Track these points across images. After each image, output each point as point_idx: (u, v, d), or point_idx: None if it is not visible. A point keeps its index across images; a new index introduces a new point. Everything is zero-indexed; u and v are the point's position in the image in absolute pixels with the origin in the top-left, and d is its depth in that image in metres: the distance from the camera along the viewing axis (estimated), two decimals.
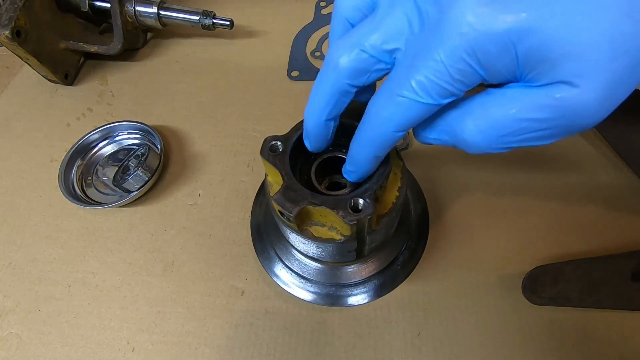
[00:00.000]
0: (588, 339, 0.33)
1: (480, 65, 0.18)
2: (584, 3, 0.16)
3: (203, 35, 0.60)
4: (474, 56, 0.18)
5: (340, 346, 0.34)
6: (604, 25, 0.16)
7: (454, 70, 0.18)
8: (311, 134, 0.27)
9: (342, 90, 0.23)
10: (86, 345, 0.36)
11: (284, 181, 0.27)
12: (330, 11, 0.63)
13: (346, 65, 0.22)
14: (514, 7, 0.17)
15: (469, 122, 0.21)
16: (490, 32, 0.17)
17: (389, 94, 0.21)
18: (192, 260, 0.40)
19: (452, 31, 0.18)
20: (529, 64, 0.18)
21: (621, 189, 0.41)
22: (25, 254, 0.41)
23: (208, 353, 0.35)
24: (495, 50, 0.17)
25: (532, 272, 0.34)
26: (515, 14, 0.17)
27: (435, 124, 0.22)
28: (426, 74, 0.19)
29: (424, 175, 0.42)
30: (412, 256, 0.38)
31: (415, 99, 0.20)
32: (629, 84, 0.17)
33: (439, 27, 0.18)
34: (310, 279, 0.36)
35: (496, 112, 0.20)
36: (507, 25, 0.17)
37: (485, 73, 0.19)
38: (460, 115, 0.21)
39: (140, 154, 0.45)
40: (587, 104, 0.17)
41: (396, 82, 0.21)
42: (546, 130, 0.19)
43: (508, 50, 0.17)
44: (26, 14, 0.47)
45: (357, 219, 0.25)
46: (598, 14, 0.16)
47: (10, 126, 0.52)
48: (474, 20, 0.17)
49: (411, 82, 0.20)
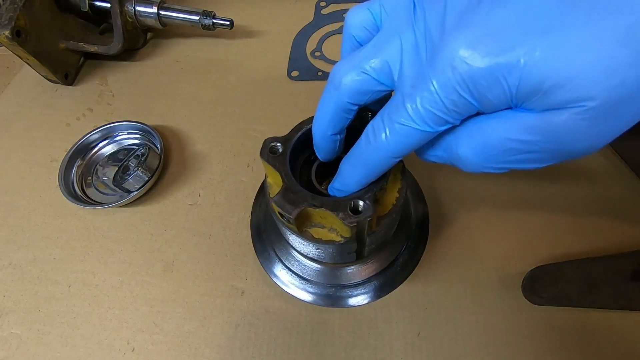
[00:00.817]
0: (588, 339, 0.33)
1: (473, 97, 0.19)
2: (575, 36, 0.16)
3: (203, 35, 0.60)
4: (467, 88, 0.18)
5: (340, 346, 0.34)
6: (596, 56, 0.16)
7: (448, 101, 0.19)
8: (319, 146, 0.28)
9: (343, 108, 0.24)
10: (86, 345, 0.36)
11: (284, 183, 0.27)
12: (330, 11, 0.63)
13: (348, 85, 0.23)
14: (504, 42, 0.17)
15: (463, 140, 0.21)
16: (481, 67, 0.18)
17: (388, 120, 0.22)
18: (192, 260, 0.40)
19: (445, 64, 0.18)
20: (521, 95, 0.18)
21: (621, 189, 0.41)
22: (25, 254, 0.41)
23: (208, 353, 0.35)
24: (487, 83, 0.18)
25: (532, 272, 0.34)
26: (504, 50, 0.17)
27: (434, 140, 0.23)
28: (422, 103, 0.20)
29: (424, 175, 0.42)
30: (412, 256, 0.38)
31: (412, 126, 0.21)
32: (629, 114, 0.17)
33: (434, 59, 0.19)
34: (310, 279, 0.36)
35: (487, 131, 0.20)
36: (497, 60, 0.17)
37: (478, 104, 0.19)
38: (456, 132, 0.22)
39: (140, 154, 0.45)
40: (576, 129, 0.18)
41: (394, 109, 0.21)
42: (536, 153, 0.20)
43: (499, 83, 0.18)
44: (26, 14, 0.47)
45: (357, 221, 0.25)
46: (591, 46, 0.16)
47: (10, 126, 0.52)
48: (465, 54, 0.18)
49: (408, 110, 0.20)
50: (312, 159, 0.32)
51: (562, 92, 0.17)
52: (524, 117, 0.19)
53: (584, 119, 0.17)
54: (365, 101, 0.24)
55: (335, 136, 0.27)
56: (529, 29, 0.17)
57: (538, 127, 0.18)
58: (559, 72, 0.16)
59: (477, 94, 0.19)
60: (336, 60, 0.56)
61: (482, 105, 0.19)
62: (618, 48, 0.16)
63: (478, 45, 0.18)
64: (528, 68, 0.17)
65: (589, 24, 0.16)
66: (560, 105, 0.17)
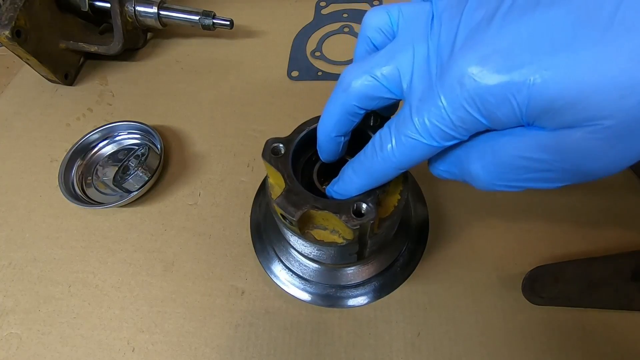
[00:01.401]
0: (588, 339, 0.33)
1: (481, 115, 0.19)
2: (588, 54, 0.16)
3: (203, 35, 0.60)
4: (474, 106, 0.18)
5: (340, 346, 0.34)
6: (610, 75, 0.15)
7: (455, 117, 0.19)
8: (322, 147, 0.28)
9: (350, 111, 0.24)
10: (86, 345, 0.36)
11: (287, 184, 0.27)
12: (330, 11, 0.63)
13: (356, 89, 0.23)
14: (513, 60, 0.17)
15: (475, 156, 0.21)
16: (489, 84, 0.17)
17: (395, 131, 0.22)
18: (192, 260, 0.40)
19: (453, 80, 0.18)
20: (531, 113, 0.18)
21: (621, 189, 0.41)
22: (25, 254, 0.41)
23: (208, 353, 0.35)
24: (495, 101, 0.18)
25: (532, 272, 0.34)
26: (513, 68, 0.17)
27: (446, 156, 0.23)
28: (429, 118, 0.20)
29: (424, 175, 0.42)
30: (412, 257, 0.38)
31: (419, 139, 0.21)
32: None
33: (443, 74, 0.19)
34: (310, 280, 0.36)
35: (499, 148, 0.20)
36: (505, 78, 0.17)
37: (487, 121, 0.19)
38: (467, 148, 0.21)
39: (140, 154, 0.45)
40: (591, 149, 0.17)
41: (402, 121, 0.21)
42: (550, 172, 0.19)
43: (507, 101, 0.18)
44: (26, 14, 0.47)
45: (360, 224, 0.25)
46: (603, 64, 0.15)
47: (10, 126, 0.52)
48: (474, 71, 0.18)
49: (415, 123, 0.20)
50: (314, 160, 0.32)
51: (574, 112, 0.16)
52: (536, 135, 0.18)
53: (598, 139, 0.17)
54: (373, 107, 0.24)
55: (339, 138, 0.27)
56: (539, 48, 0.17)
57: (550, 145, 0.18)
58: (570, 91, 0.16)
59: (486, 112, 0.18)
60: (336, 60, 0.56)
61: (492, 122, 0.19)
62: (635, 66, 0.15)
63: (487, 63, 0.18)
64: (537, 87, 0.17)
65: (602, 42, 0.15)
66: (573, 124, 0.17)
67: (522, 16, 0.17)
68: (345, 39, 0.59)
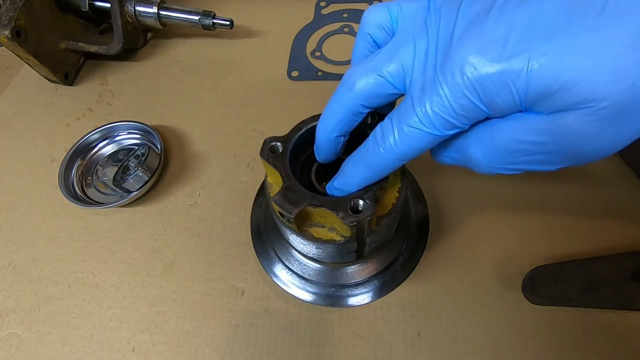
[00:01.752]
0: (588, 339, 0.33)
1: (482, 102, 0.19)
2: (582, 40, 0.16)
3: (203, 35, 0.60)
4: (475, 93, 0.19)
5: (340, 346, 0.34)
6: (603, 59, 0.16)
7: (457, 105, 0.20)
8: (321, 147, 0.28)
9: (354, 110, 0.25)
10: (86, 345, 0.36)
11: (284, 182, 0.27)
12: (330, 11, 0.63)
13: (362, 88, 0.24)
14: (511, 48, 0.18)
15: (474, 141, 0.22)
16: (489, 72, 0.18)
17: (397, 122, 0.22)
18: (192, 260, 0.40)
19: (454, 69, 0.19)
20: (529, 99, 0.18)
21: (621, 189, 0.41)
22: (25, 254, 0.41)
23: (208, 353, 0.35)
24: (495, 88, 0.18)
25: (532, 272, 0.34)
26: (511, 55, 0.18)
27: (447, 143, 0.23)
28: (431, 107, 0.20)
29: (424, 175, 0.42)
30: (412, 256, 0.38)
31: (421, 129, 0.21)
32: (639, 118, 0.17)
33: (444, 64, 0.20)
34: (310, 279, 0.36)
35: (496, 133, 0.21)
36: (504, 66, 0.18)
37: (487, 109, 0.20)
38: (467, 134, 0.22)
39: (140, 154, 0.45)
40: (585, 131, 0.18)
41: (404, 112, 0.22)
42: (546, 154, 0.20)
43: (507, 88, 0.18)
44: (26, 14, 0.47)
45: (357, 220, 0.25)
46: (597, 49, 0.16)
47: (10, 126, 0.52)
48: (474, 60, 0.18)
49: (417, 113, 0.21)
50: (312, 159, 0.32)
51: (569, 95, 0.17)
52: (533, 118, 0.19)
53: (592, 120, 0.17)
54: (378, 104, 0.24)
55: (339, 138, 0.27)
56: (535, 35, 0.17)
57: (546, 128, 0.19)
58: (565, 75, 0.17)
59: (486, 99, 0.19)
60: (336, 60, 0.56)
61: (492, 110, 0.20)
62: (627, 51, 0.16)
63: (486, 52, 0.18)
64: (535, 72, 0.17)
65: (596, 28, 0.16)
66: (568, 107, 0.17)
67: (518, 7, 0.18)
68: (345, 39, 0.59)
